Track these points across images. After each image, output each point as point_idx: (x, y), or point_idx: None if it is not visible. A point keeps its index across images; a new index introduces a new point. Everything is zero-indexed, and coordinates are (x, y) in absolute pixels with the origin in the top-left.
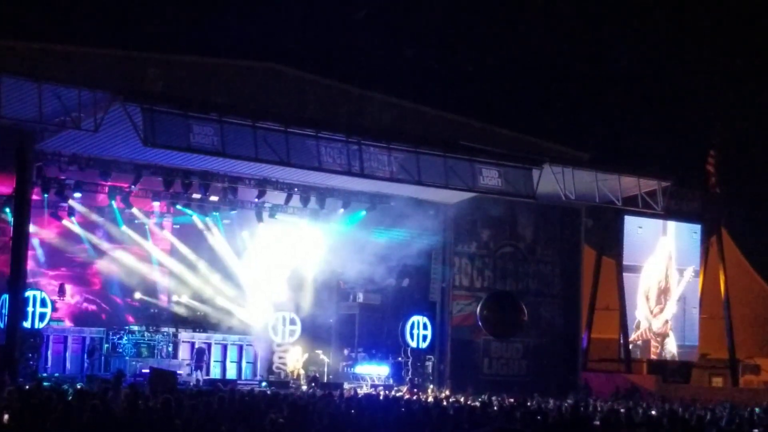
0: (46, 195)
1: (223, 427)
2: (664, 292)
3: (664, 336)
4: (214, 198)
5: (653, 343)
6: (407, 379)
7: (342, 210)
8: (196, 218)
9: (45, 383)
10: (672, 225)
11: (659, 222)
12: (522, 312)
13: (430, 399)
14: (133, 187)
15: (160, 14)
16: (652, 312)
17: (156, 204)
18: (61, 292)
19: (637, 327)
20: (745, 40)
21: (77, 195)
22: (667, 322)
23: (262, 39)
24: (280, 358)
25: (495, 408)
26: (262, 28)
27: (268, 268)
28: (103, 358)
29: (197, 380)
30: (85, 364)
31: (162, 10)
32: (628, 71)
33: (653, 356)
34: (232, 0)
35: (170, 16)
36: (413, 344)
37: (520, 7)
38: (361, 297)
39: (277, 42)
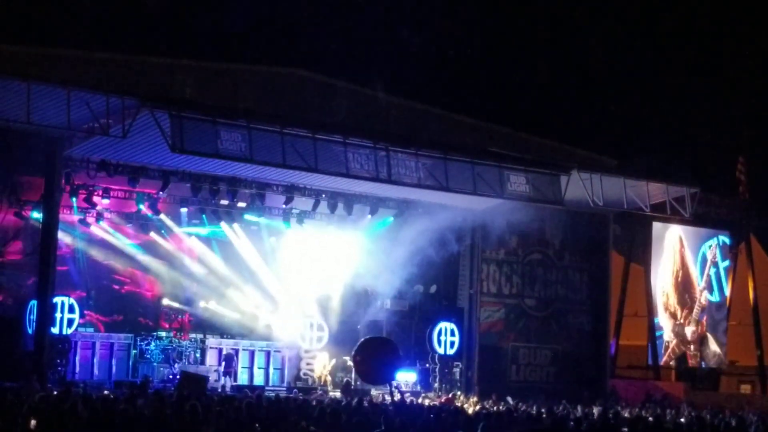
0: (74, 200)
1: None
2: (686, 289)
3: (700, 339)
4: (241, 204)
5: (691, 351)
6: (434, 386)
7: (370, 216)
8: (224, 224)
9: (73, 389)
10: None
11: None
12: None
13: (467, 406)
14: (161, 193)
15: (187, 20)
16: (678, 321)
17: (184, 210)
18: (89, 298)
19: (666, 348)
20: None
21: (105, 201)
22: (700, 322)
23: (291, 44)
24: (308, 364)
25: (523, 415)
26: (290, 34)
27: (296, 274)
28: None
29: (222, 386)
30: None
31: (189, 17)
32: (656, 77)
33: (692, 365)
34: (259, 6)
35: (198, 22)
36: (441, 351)
37: (547, 14)
38: (388, 303)
39: (305, 48)
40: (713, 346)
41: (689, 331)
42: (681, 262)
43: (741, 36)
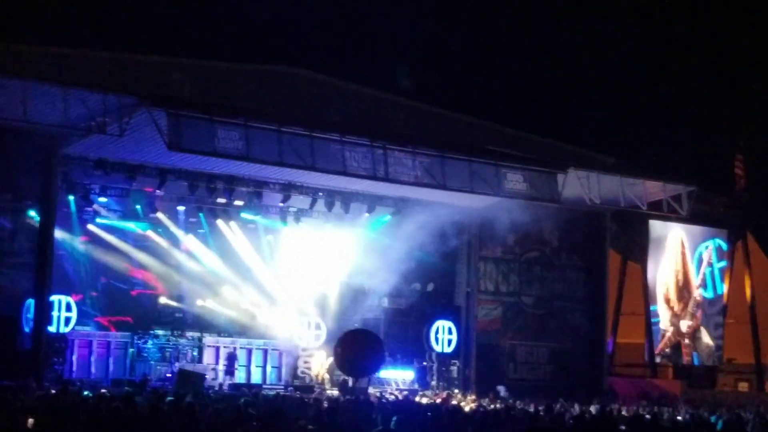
0: (71, 198)
1: None
2: (685, 286)
3: (694, 331)
4: (239, 202)
5: (685, 342)
6: (431, 384)
7: (367, 214)
8: (221, 223)
9: (70, 387)
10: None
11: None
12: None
13: (464, 404)
14: (158, 191)
15: (185, 19)
16: (675, 312)
17: (181, 208)
18: (86, 296)
19: (663, 336)
20: None
21: (102, 199)
22: (695, 316)
23: (288, 43)
24: (305, 362)
25: (520, 413)
26: (288, 32)
27: (293, 273)
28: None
29: (219, 384)
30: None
31: (187, 15)
32: (654, 75)
33: (686, 359)
34: (257, 4)
35: (195, 21)
36: (438, 349)
37: (547, 13)
38: (386, 301)
39: (303, 46)
40: (706, 339)
41: (684, 325)
42: (682, 261)
43: (740, 34)
